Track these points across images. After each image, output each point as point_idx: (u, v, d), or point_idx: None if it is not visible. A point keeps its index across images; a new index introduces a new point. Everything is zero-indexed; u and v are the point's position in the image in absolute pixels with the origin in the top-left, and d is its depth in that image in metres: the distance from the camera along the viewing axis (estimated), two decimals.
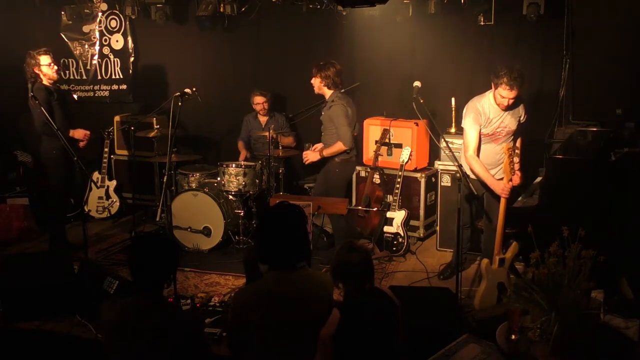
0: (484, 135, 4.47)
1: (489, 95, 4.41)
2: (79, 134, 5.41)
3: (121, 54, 7.05)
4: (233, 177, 5.50)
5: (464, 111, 4.53)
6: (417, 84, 4.50)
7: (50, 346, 4.00)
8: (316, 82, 5.21)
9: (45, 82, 5.25)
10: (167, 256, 2.68)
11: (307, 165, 5.49)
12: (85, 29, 7.06)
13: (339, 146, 5.08)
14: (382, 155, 5.72)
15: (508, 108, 4.37)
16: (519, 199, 4.42)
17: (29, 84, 5.21)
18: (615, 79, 4.24)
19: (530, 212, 4.06)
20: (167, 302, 3.30)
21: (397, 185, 5.52)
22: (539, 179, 4.69)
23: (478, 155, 4.45)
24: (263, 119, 6.29)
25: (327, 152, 5.14)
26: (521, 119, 4.54)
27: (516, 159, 4.50)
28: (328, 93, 5.18)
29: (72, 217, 6.23)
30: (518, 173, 4.38)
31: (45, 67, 5.22)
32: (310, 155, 5.23)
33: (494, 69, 4.31)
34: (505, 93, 4.23)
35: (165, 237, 2.62)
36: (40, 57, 5.19)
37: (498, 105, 4.36)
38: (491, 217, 4.58)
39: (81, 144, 5.47)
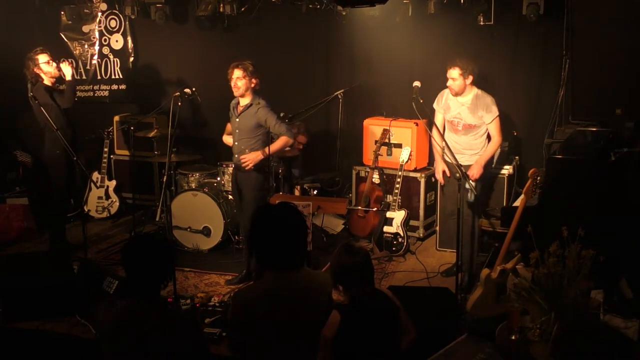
0: (447, 122, 4.85)
1: None
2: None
3: (121, 54, 7.06)
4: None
5: None
6: (417, 84, 4.50)
7: (50, 346, 4.00)
8: (245, 82, 4.72)
9: (47, 81, 5.25)
10: (160, 258, 2.63)
11: (306, 165, 5.45)
12: (85, 29, 7.06)
13: (284, 140, 4.76)
14: (381, 155, 5.72)
15: (460, 98, 4.69)
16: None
17: (29, 84, 5.20)
18: (615, 79, 4.24)
19: (530, 212, 4.05)
20: (165, 303, 3.29)
21: (397, 185, 5.52)
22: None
23: (443, 138, 4.73)
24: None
25: (273, 148, 4.74)
26: (485, 119, 4.68)
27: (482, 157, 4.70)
28: (251, 96, 4.79)
29: (71, 217, 6.23)
30: (477, 166, 4.65)
31: (45, 65, 5.21)
32: (252, 156, 4.73)
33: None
34: (448, 74, 4.62)
35: (160, 238, 2.61)
36: (37, 57, 5.19)
37: (450, 91, 4.71)
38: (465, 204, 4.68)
39: None
